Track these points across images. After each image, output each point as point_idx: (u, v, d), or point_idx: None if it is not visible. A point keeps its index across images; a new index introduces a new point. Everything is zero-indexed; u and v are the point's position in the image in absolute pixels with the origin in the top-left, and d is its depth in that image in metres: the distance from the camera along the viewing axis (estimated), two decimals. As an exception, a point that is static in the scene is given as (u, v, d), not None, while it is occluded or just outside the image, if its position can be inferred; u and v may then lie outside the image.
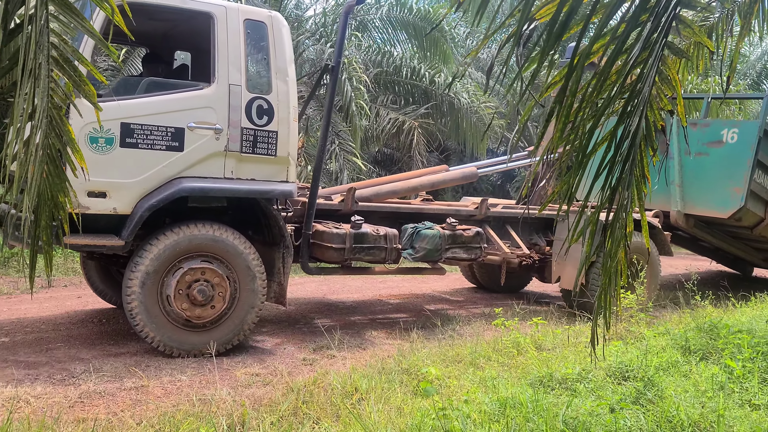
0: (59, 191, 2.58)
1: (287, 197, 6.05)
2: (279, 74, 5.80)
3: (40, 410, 4.12)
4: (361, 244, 6.38)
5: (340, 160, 12.20)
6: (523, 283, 10.24)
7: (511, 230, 8.20)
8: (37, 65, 2.28)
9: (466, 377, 5.00)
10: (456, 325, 7.16)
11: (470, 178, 8.81)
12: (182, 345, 5.49)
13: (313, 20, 14.13)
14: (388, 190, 7.59)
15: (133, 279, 5.25)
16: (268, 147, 5.74)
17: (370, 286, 9.99)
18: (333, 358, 5.83)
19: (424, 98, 14.26)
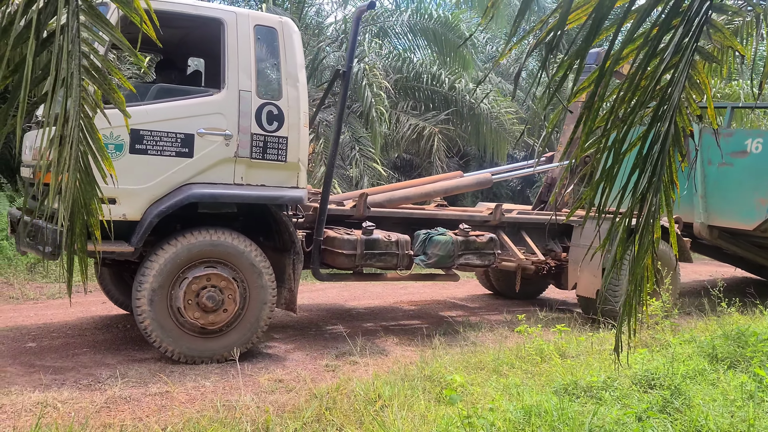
0: (91, 198, 2.61)
1: (297, 203, 6.00)
2: (289, 80, 5.78)
3: (67, 415, 4.16)
4: (372, 251, 6.34)
5: (361, 165, 12.21)
6: (540, 290, 10.14)
7: (526, 236, 8.12)
8: (69, 74, 2.31)
9: (489, 384, 4.97)
10: (478, 332, 7.13)
11: (484, 185, 8.74)
12: (202, 353, 5.50)
13: (333, 27, 14.19)
14: (401, 196, 7.54)
15: (141, 298, 5.24)
16: (278, 153, 5.73)
17: (390, 292, 9.97)
18: (355, 364, 5.82)
19: (444, 104, 14.24)
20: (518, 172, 10.37)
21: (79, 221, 2.64)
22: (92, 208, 2.66)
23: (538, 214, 8.50)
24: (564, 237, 8.47)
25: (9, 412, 4.20)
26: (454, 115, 14.30)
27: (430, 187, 7.99)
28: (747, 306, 8.13)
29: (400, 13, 13.95)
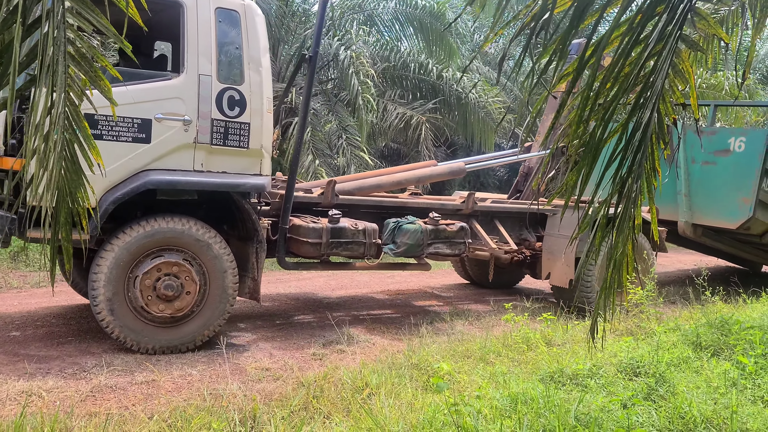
0: (77, 187, 2.58)
1: (259, 191, 5.88)
2: (252, 64, 5.66)
3: (53, 404, 4.14)
4: (338, 239, 6.25)
5: (348, 154, 12.19)
6: (515, 280, 10.17)
7: (499, 225, 8.07)
8: (54, 61, 2.28)
9: (476, 372, 5.00)
10: (465, 321, 7.16)
11: (458, 174, 8.68)
12: (164, 342, 5.42)
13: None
14: (371, 184, 7.42)
15: (97, 287, 5.14)
16: (240, 139, 5.61)
17: (378, 281, 9.99)
18: (342, 353, 5.83)
19: (432, 93, 14.22)
20: (493, 162, 10.36)
21: (64, 210, 2.61)
22: (78, 196, 2.64)
23: (512, 204, 8.46)
24: (538, 226, 8.46)
25: (-6, 402, 4.18)
26: (442, 104, 14.29)
27: (402, 175, 7.88)
28: (731, 295, 8.23)
29: (387, 1, 13.88)
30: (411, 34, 14.64)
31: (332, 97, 13.41)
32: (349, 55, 11.77)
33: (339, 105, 13.27)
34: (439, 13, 13.72)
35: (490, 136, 14.83)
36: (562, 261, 7.71)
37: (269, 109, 5.81)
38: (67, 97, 2.51)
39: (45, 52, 2.27)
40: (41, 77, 2.31)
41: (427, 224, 6.79)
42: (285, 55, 13.98)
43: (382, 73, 13.75)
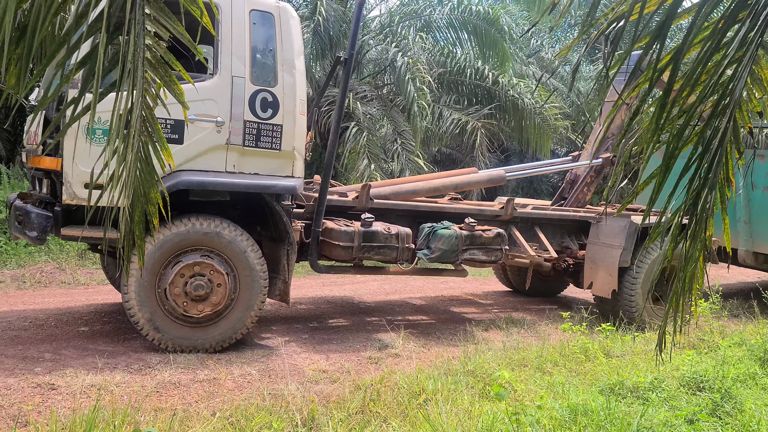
0: (150, 187, 2.66)
1: (290, 192, 5.81)
2: (285, 66, 5.66)
3: (120, 398, 4.27)
4: (370, 243, 6.19)
5: (402, 159, 12.20)
6: (558, 288, 9.96)
7: (539, 232, 7.86)
8: (134, 66, 2.36)
9: (533, 382, 4.94)
10: (519, 329, 7.08)
11: (497, 182, 8.50)
12: (192, 342, 5.45)
13: (378, 20, 14.18)
14: (408, 190, 7.35)
15: (129, 285, 5.19)
16: (272, 141, 5.61)
17: (431, 286, 9.97)
18: (398, 357, 5.84)
19: (488, 99, 14.13)
20: (535, 170, 10.16)
21: (138, 209, 2.70)
22: (151, 196, 2.72)
23: (553, 210, 8.24)
24: (582, 234, 8.23)
25: (64, 394, 4.34)
26: (497, 109, 14.19)
27: (439, 182, 7.79)
28: (799, 309, 7.91)
29: (442, 6, 13.86)
30: (465, 39, 14.58)
31: (388, 103, 13.46)
32: (405, 62, 11.80)
33: (395, 110, 13.31)
34: (494, 18, 13.63)
35: (545, 142, 14.65)
36: (605, 270, 7.52)
37: (302, 111, 5.82)
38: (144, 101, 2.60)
39: (126, 58, 2.35)
40: (122, 81, 2.39)
41: (463, 230, 6.68)
42: (342, 61, 14.11)
43: (438, 78, 13.74)
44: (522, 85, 14.04)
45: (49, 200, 5.33)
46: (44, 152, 5.19)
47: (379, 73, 14.40)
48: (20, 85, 2.09)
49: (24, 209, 5.25)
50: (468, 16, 13.54)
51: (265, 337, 6.22)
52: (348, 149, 12.21)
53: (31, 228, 5.11)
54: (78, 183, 5.05)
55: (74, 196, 5.06)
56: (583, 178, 8.68)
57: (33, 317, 6.32)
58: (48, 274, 8.41)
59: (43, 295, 7.46)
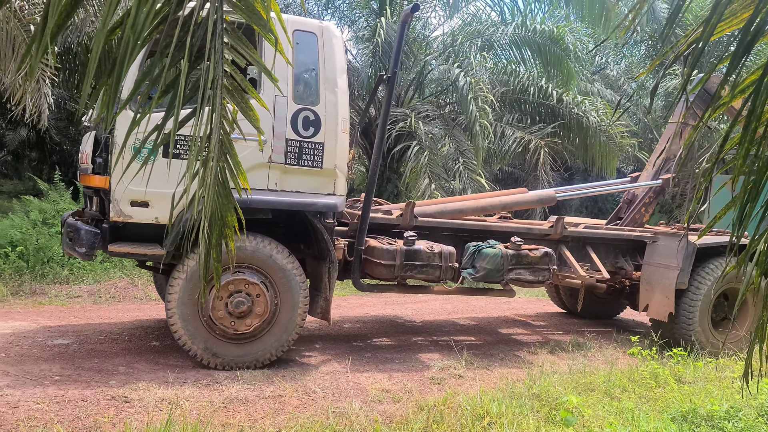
0: (227, 211, 2.75)
1: (332, 210, 5.80)
2: (328, 85, 5.71)
3: (189, 413, 4.39)
4: (413, 262, 6.13)
5: (464, 178, 12.17)
6: (615, 311, 9.64)
7: (591, 252, 7.61)
8: (214, 94, 2.46)
9: (601, 407, 4.83)
10: (587, 352, 6.93)
11: (547, 202, 8.29)
12: (232, 359, 5.48)
13: (441, 40, 14.26)
14: (454, 209, 7.23)
15: (171, 302, 5.31)
16: (313, 159, 5.64)
17: (494, 306, 9.88)
18: (460, 378, 5.80)
19: (551, 117, 13.97)
20: (588, 191, 9.90)
21: (216, 232, 2.79)
22: (227, 219, 2.80)
23: (606, 229, 7.99)
24: (637, 254, 7.92)
25: (137, 407, 4.49)
26: (561, 128, 14.00)
27: (486, 201, 7.66)
28: None
29: (506, 26, 13.82)
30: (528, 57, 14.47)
31: (450, 122, 13.47)
32: (468, 81, 11.80)
33: (456, 129, 13.31)
34: (558, 37, 13.48)
35: (611, 160, 14.35)
36: (661, 292, 7.25)
37: (344, 129, 5.85)
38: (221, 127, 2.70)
39: (206, 85, 2.45)
40: (202, 108, 2.49)
41: (509, 249, 6.55)
42: (404, 80, 14.23)
43: (501, 97, 13.67)
44: (587, 103, 13.82)
45: (99, 218, 5.51)
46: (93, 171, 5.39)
47: (442, 92, 14.44)
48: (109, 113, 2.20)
49: (74, 226, 5.46)
50: (532, 35, 13.45)
51: (327, 355, 6.28)
52: (409, 168, 12.26)
53: (81, 244, 5.30)
54: (125, 201, 5.22)
55: (121, 214, 5.24)
56: (641, 198, 8.44)
57: (108, 331, 6.57)
58: (122, 290, 8.73)
59: (117, 310, 7.74)
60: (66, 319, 7.13)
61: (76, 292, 8.63)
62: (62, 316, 7.29)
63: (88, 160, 5.53)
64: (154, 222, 5.29)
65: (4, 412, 4.25)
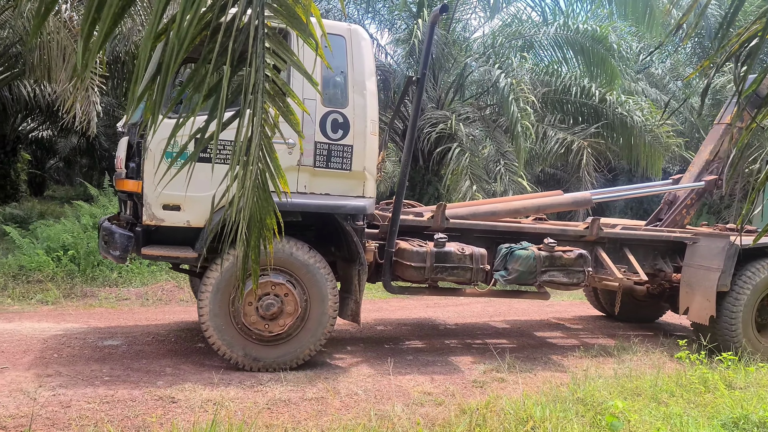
0: (267, 213, 2.78)
1: (360, 212, 5.79)
2: (356, 88, 5.70)
3: (234, 414, 4.45)
4: (443, 264, 6.07)
5: (505, 180, 12.07)
6: (656, 314, 9.37)
7: (629, 254, 7.42)
8: (255, 97, 2.50)
9: (648, 412, 4.72)
10: (632, 356, 6.79)
11: (583, 204, 8.12)
12: (262, 360, 5.52)
13: (481, 41, 14.19)
14: (486, 211, 7.14)
15: (203, 305, 5.37)
16: (342, 161, 5.65)
17: (535, 309, 9.77)
18: (503, 381, 5.75)
19: (594, 117, 13.74)
20: (626, 194, 9.66)
21: (255, 234, 2.82)
22: (266, 222, 2.84)
23: (644, 231, 7.76)
24: (677, 256, 7.69)
25: (184, 407, 4.57)
26: (605, 128, 13.77)
27: (519, 203, 7.53)
28: None
29: (547, 27, 13.67)
30: (571, 57, 14.28)
31: (491, 123, 13.39)
32: (509, 82, 11.71)
33: (497, 131, 13.22)
34: (601, 36, 13.27)
35: (656, 160, 14.04)
36: (702, 295, 7.03)
37: (373, 131, 5.84)
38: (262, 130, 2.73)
39: (248, 90, 2.48)
40: (244, 111, 2.53)
41: (541, 250, 6.44)
42: (444, 82, 14.20)
43: (542, 97, 13.51)
44: (631, 102, 13.56)
45: (133, 221, 5.62)
46: (126, 175, 5.51)
47: (482, 94, 14.36)
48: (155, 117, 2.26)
49: (109, 230, 5.58)
50: (574, 34, 13.27)
51: (369, 358, 6.29)
52: (450, 170, 12.22)
53: (114, 247, 5.41)
54: (157, 204, 5.31)
55: (153, 217, 5.33)
56: (683, 199, 8.20)
57: (155, 333, 6.71)
58: (168, 292, 8.91)
59: (164, 312, 7.91)
60: (115, 320, 7.32)
61: (125, 294, 8.85)
62: (111, 317, 7.48)
63: (122, 164, 5.65)
64: (185, 225, 5.38)
65: (57, 411, 4.37)
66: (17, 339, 6.23)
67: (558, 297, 10.85)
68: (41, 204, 17.97)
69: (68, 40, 8.93)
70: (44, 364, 5.47)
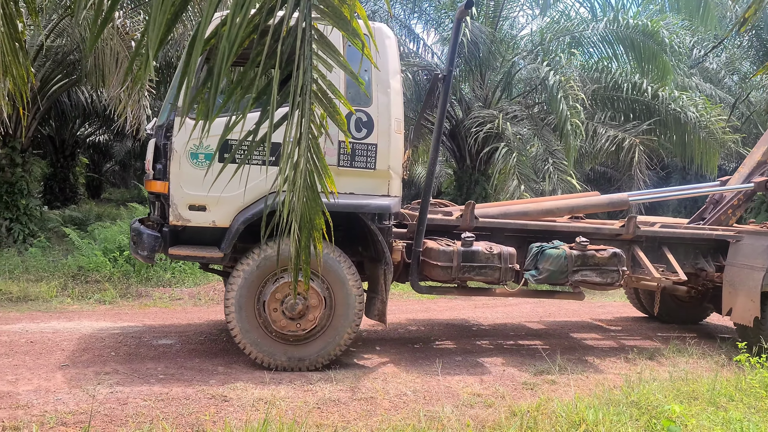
0: (315, 213, 2.80)
1: (384, 211, 5.71)
2: (380, 86, 5.65)
3: (285, 413, 4.50)
4: (470, 263, 5.97)
5: (554, 179, 11.88)
6: (700, 315, 8.97)
7: (668, 253, 7.15)
8: (303, 99, 2.52)
9: (706, 417, 4.58)
10: (688, 359, 6.60)
11: (619, 206, 7.84)
12: (287, 360, 5.54)
13: (529, 39, 14.02)
14: (517, 211, 6.99)
15: (229, 304, 5.41)
16: (366, 160, 5.61)
17: (587, 310, 9.59)
18: (554, 384, 5.66)
19: (647, 114, 13.39)
20: (666, 195, 9.32)
21: (305, 235, 2.85)
22: (316, 222, 2.86)
23: (684, 229, 7.49)
24: (719, 255, 7.39)
25: (236, 405, 4.64)
26: (657, 124, 13.41)
27: (552, 203, 7.34)
28: None
29: (596, 22, 13.40)
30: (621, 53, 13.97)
31: (539, 122, 13.21)
32: (557, 80, 11.52)
33: (546, 129, 13.03)
34: (653, 31, 12.93)
35: (711, 157, 13.59)
36: (745, 295, 6.74)
37: (398, 130, 5.80)
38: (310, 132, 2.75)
39: (296, 91, 2.51)
40: (293, 113, 2.55)
41: (573, 249, 6.28)
42: (491, 81, 14.08)
43: (592, 95, 13.26)
44: (685, 98, 13.18)
45: (162, 222, 5.71)
46: (154, 176, 5.61)
47: (530, 92, 14.19)
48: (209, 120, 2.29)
49: (137, 230, 5.68)
50: (624, 30, 12.97)
51: (417, 358, 6.28)
52: (497, 170, 12.10)
53: (142, 247, 5.51)
54: (183, 205, 5.39)
55: (179, 218, 5.42)
56: (730, 199, 7.88)
57: (208, 332, 6.84)
58: (220, 292, 9.07)
59: (216, 312, 8.05)
60: (169, 320, 7.49)
61: (178, 294, 9.06)
62: (165, 317, 7.66)
63: (150, 166, 5.77)
64: (211, 225, 5.45)
65: (114, 408, 4.50)
66: (77, 337, 6.44)
67: (605, 297, 10.64)
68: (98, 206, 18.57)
69: (120, 46, 9.18)
70: (102, 362, 5.64)
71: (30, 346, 6.07)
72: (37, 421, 4.20)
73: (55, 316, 7.54)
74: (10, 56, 3.66)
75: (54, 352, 5.92)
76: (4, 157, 11.38)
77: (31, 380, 5.08)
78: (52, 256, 10.67)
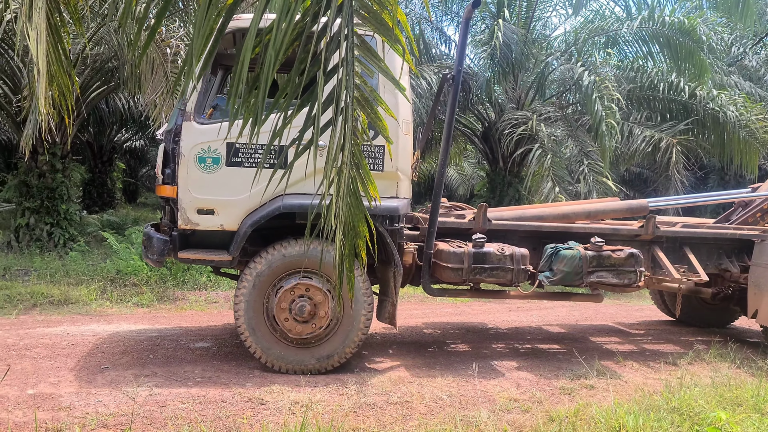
0: (359, 220, 2.80)
1: (392, 213, 5.67)
2: (387, 87, 5.59)
3: (321, 416, 4.51)
4: (482, 265, 5.89)
5: (589, 180, 11.73)
6: (728, 318, 8.73)
7: (689, 253, 6.98)
8: (346, 104, 2.52)
9: (751, 424, 4.47)
10: (730, 364, 6.46)
11: (638, 212, 7.56)
12: (295, 362, 5.54)
13: (563, 39, 13.88)
14: (532, 215, 6.87)
15: (238, 307, 5.43)
16: (374, 162, 5.57)
17: (624, 313, 9.45)
18: (592, 389, 5.58)
19: (684, 113, 13.16)
20: (690, 202, 9.08)
21: (349, 242, 2.85)
22: (359, 229, 2.86)
23: (706, 229, 7.28)
24: (744, 255, 7.20)
25: (272, 409, 4.67)
26: (695, 124, 13.16)
27: (568, 208, 7.18)
28: None
29: (631, 21, 13.21)
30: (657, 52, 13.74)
31: (573, 123, 13.06)
32: (592, 80, 11.39)
33: (580, 130, 12.88)
34: (689, 28, 12.69)
35: (752, 157, 13.28)
36: None
37: (406, 131, 5.75)
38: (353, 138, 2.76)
39: (339, 97, 2.51)
40: (336, 119, 2.56)
41: (588, 250, 6.17)
42: (524, 82, 13.97)
43: (627, 94, 13.07)
44: (723, 97, 12.92)
45: (171, 226, 5.74)
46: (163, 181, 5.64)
47: (564, 93, 14.05)
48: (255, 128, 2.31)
49: (148, 234, 5.73)
50: (660, 28, 12.76)
51: (452, 362, 6.25)
52: (531, 172, 12.00)
53: (152, 251, 5.56)
54: (191, 209, 5.43)
55: (188, 221, 5.45)
56: (759, 203, 7.66)
57: (243, 335, 6.89)
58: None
59: (250, 315, 8.10)
60: (205, 323, 7.58)
61: (214, 297, 9.15)
62: (202, 320, 7.75)
63: (159, 171, 5.82)
64: (219, 229, 5.48)
65: (153, 410, 4.56)
66: (116, 340, 6.55)
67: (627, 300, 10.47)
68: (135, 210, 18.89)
69: (156, 53, 9.31)
70: (141, 365, 5.72)
71: (71, 349, 6.19)
72: (79, 423, 4.27)
73: (95, 319, 7.68)
74: (55, 65, 3.74)
75: (94, 354, 6.03)
76: (45, 163, 11.63)
77: (72, 382, 5.18)
78: (92, 260, 10.88)
